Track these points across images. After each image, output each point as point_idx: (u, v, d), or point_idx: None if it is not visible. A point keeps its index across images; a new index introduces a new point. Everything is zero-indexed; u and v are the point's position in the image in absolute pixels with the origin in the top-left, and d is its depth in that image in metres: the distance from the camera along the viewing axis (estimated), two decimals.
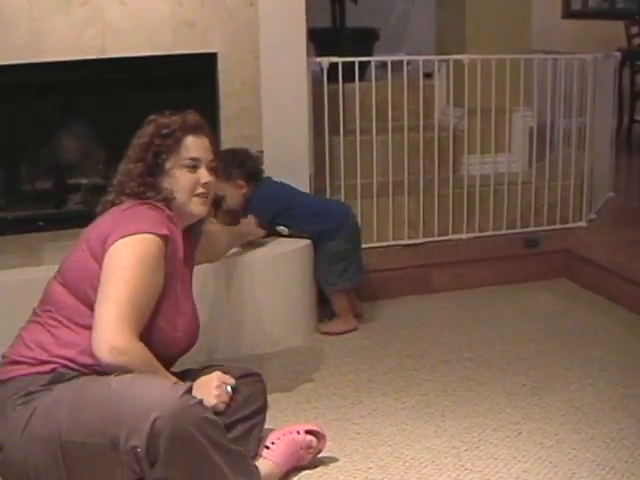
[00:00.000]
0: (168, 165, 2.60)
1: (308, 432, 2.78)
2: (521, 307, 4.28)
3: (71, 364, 2.38)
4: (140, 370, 2.32)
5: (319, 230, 3.94)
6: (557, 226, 5.02)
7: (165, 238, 2.49)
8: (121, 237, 2.42)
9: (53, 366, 2.38)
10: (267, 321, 3.75)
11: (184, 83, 4.08)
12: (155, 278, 2.45)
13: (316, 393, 3.37)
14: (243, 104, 4.06)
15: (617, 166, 6.04)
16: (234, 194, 3.83)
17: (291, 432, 2.76)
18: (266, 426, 2.76)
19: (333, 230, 3.95)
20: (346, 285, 4.02)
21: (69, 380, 2.36)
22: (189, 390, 2.31)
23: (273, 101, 4.07)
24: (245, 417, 2.61)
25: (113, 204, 2.61)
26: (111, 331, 2.31)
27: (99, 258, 2.44)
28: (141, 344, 2.37)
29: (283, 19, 4.05)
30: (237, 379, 2.59)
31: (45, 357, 2.39)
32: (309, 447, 2.77)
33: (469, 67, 4.71)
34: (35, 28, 3.71)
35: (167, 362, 2.51)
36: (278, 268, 3.78)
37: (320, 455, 2.83)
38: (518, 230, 4.93)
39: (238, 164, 3.83)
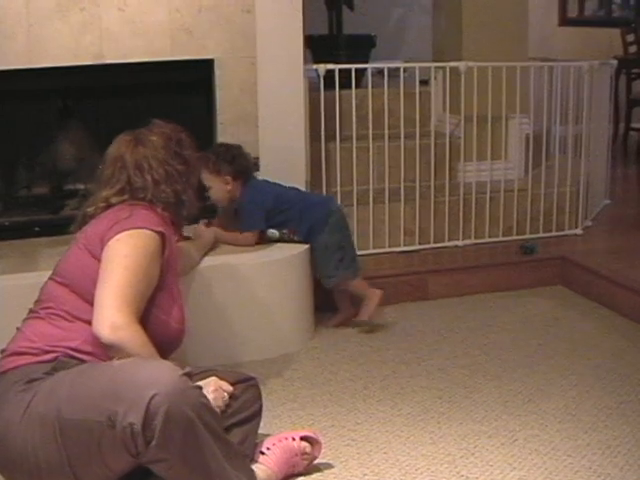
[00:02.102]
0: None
1: (303, 438, 2.78)
2: (517, 314, 4.28)
3: (73, 353, 2.44)
4: (138, 350, 2.38)
5: (307, 226, 3.94)
6: (553, 233, 5.02)
7: (162, 235, 2.62)
8: (120, 231, 2.55)
9: (55, 355, 2.43)
10: (263, 327, 3.74)
11: (181, 89, 4.10)
12: (152, 269, 2.57)
13: (312, 400, 3.37)
14: (240, 110, 4.07)
15: (613, 173, 6.05)
16: (220, 189, 3.86)
17: (286, 438, 2.75)
18: (261, 432, 2.76)
19: (320, 223, 3.95)
20: (345, 275, 4.01)
21: (71, 367, 2.40)
22: (189, 374, 2.33)
23: (270, 107, 4.08)
24: (241, 421, 2.62)
25: (110, 205, 2.73)
26: (111, 309, 2.40)
27: (97, 254, 2.54)
28: (139, 326, 2.44)
29: (280, 26, 4.06)
30: (232, 384, 2.61)
31: (48, 347, 2.45)
32: (304, 453, 2.77)
33: (466, 74, 4.72)
34: (33, 34, 3.72)
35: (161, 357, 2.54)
36: (275, 274, 3.78)
37: (315, 462, 2.83)
38: (514, 237, 4.93)
39: (229, 159, 3.84)
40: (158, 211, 2.74)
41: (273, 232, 3.93)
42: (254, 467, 2.61)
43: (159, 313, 2.61)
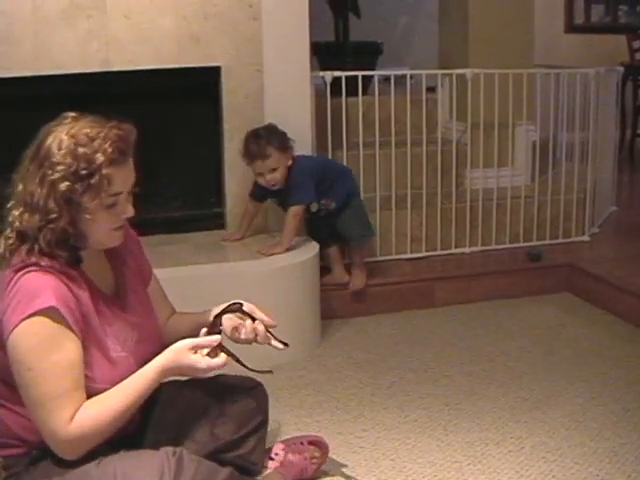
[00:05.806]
0: (86, 205, 2.14)
1: (311, 443, 2.79)
2: (524, 321, 4.28)
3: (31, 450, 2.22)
4: (103, 432, 2.14)
5: (345, 192, 4.19)
6: (560, 240, 5.02)
7: (54, 310, 2.08)
8: (11, 330, 2.07)
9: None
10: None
11: (188, 96, 4.10)
12: (66, 354, 2.10)
13: (319, 406, 3.37)
14: (246, 118, 4.07)
15: (620, 180, 6.05)
16: (285, 167, 3.93)
17: (295, 443, 2.77)
18: (269, 438, 2.76)
19: (355, 187, 4.33)
20: (371, 233, 4.42)
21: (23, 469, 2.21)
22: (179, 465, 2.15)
23: (276, 115, 4.08)
24: (250, 432, 2.56)
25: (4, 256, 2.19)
26: (55, 435, 2.10)
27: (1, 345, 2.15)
28: (85, 413, 2.11)
29: (287, 33, 4.06)
30: (239, 392, 2.59)
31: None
32: (313, 458, 2.77)
33: (472, 81, 4.72)
34: (39, 41, 3.73)
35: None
36: (282, 281, 3.78)
37: (323, 468, 2.83)
38: (521, 244, 4.93)
39: (284, 136, 3.93)
40: (54, 266, 2.12)
41: (313, 205, 4.10)
42: (264, 473, 2.61)
43: (86, 382, 2.18)
